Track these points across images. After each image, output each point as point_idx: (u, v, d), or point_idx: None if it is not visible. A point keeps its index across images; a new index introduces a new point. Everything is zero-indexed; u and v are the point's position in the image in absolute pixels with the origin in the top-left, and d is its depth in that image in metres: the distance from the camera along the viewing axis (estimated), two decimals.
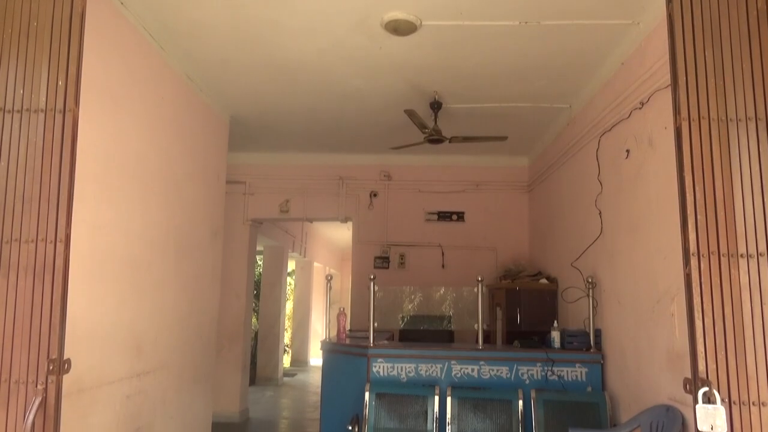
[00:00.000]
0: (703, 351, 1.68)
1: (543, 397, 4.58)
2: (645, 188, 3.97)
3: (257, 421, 7.58)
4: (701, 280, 1.71)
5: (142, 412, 4.18)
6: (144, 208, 4.21)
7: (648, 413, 3.70)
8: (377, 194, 7.68)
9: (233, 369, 7.41)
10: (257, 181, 7.73)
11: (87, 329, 3.44)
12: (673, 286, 3.50)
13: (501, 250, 7.50)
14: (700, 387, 1.65)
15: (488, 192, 7.66)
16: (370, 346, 4.93)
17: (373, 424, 4.60)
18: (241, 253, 7.64)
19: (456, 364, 4.80)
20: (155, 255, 4.39)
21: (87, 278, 3.44)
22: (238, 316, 7.53)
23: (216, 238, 5.73)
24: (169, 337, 4.62)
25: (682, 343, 3.37)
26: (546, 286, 6.14)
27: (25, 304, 1.76)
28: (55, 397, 1.71)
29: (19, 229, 1.80)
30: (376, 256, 7.60)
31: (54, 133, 1.81)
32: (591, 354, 4.71)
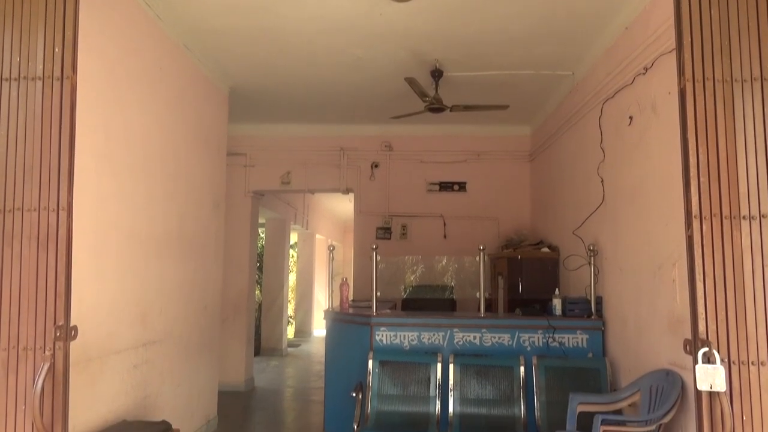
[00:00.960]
0: (703, 312, 1.69)
1: (544, 363, 4.64)
2: (647, 155, 3.95)
3: (262, 390, 7.70)
4: (703, 243, 1.71)
5: (149, 380, 4.25)
6: (146, 179, 4.20)
7: (648, 378, 3.74)
8: (378, 165, 7.66)
9: (238, 339, 7.50)
10: (258, 153, 7.70)
11: (93, 300, 3.47)
12: (674, 252, 3.51)
13: (503, 220, 7.50)
14: (700, 347, 1.66)
15: (490, 162, 7.63)
16: (373, 315, 4.97)
17: (377, 391, 4.67)
18: (243, 225, 7.66)
19: (458, 332, 4.85)
20: (158, 226, 4.40)
21: (91, 250, 3.46)
22: (242, 287, 7.59)
23: (218, 209, 5.74)
24: (173, 308, 4.67)
25: (683, 309, 3.40)
26: (548, 254, 6.16)
27: (30, 272, 1.77)
28: (63, 362, 1.73)
29: (21, 197, 1.80)
30: (378, 227, 7.61)
31: (52, 101, 1.80)
32: (592, 321, 4.75)
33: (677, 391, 3.31)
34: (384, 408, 4.61)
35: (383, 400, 4.65)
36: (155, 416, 4.17)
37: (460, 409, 4.56)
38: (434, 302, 6.28)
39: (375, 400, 4.64)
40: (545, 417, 4.46)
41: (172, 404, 4.60)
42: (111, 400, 3.70)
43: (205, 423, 5.43)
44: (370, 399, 4.63)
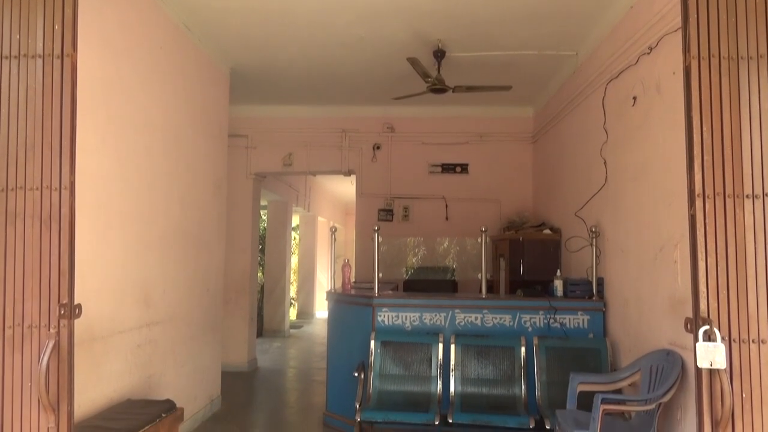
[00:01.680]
0: (705, 291, 1.70)
1: (545, 343, 4.67)
2: (651, 135, 3.93)
3: (265, 371, 7.77)
4: (705, 221, 1.71)
5: (153, 360, 4.29)
6: (147, 160, 4.20)
7: (648, 358, 3.77)
8: (380, 147, 7.63)
9: (241, 321, 7.55)
10: (259, 135, 7.68)
11: (96, 280, 3.49)
12: (676, 233, 3.51)
13: (505, 202, 7.50)
14: (701, 326, 1.67)
15: (492, 143, 7.60)
16: (375, 296, 5.00)
17: (379, 371, 4.71)
18: (245, 207, 7.67)
19: (460, 313, 4.88)
20: (160, 208, 4.41)
21: (93, 230, 3.47)
22: (244, 269, 7.61)
23: (219, 191, 5.74)
24: (176, 289, 4.69)
25: (684, 290, 3.41)
26: (549, 236, 6.17)
27: (33, 251, 1.77)
28: (67, 340, 1.75)
29: (23, 176, 1.80)
30: (379, 209, 7.61)
31: (53, 79, 1.79)
32: (593, 302, 4.77)
33: (677, 371, 3.33)
34: (386, 387, 4.66)
35: (385, 379, 4.69)
36: (159, 396, 4.22)
37: (461, 388, 4.61)
38: (436, 283, 6.30)
39: (377, 380, 4.68)
40: (546, 397, 4.50)
41: (176, 384, 4.65)
42: (115, 379, 3.73)
43: (209, 402, 5.49)
44: (372, 379, 4.67)
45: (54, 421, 1.72)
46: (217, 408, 5.69)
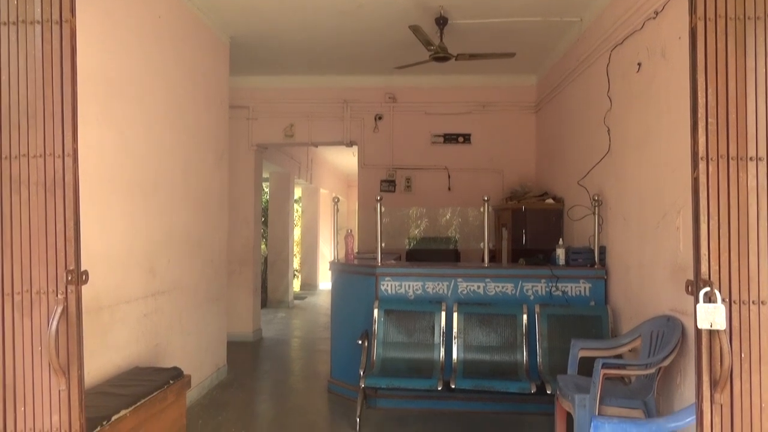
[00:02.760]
0: (706, 253, 1.71)
1: (547, 311, 4.71)
2: (655, 101, 3.89)
3: (270, 341, 7.88)
4: (708, 184, 1.71)
5: (160, 329, 4.35)
6: (148, 131, 4.19)
7: (649, 324, 3.80)
8: (382, 117, 7.59)
9: (245, 291, 7.62)
10: (261, 106, 7.63)
11: (101, 251, 3.52)
12: (679, 199, 3.51)
13: (507, 172, 7.48)
14: (702, 287, 1.68)
15: (495, 113, 7.54)
16: (378, 266, 5.03)
17: (382, 339, 4.77)
18: (248, 179, 7.67)
19: (462, 282, 4.91)
20: (162, 179, 4.41)
21: (96, 201, 3.48)
22: (247, 240, 7.65)
23: (221, 162, 5.73)
24: (180, 260, 4.73)
25: (686, 256, 3.42)
26: (552, 205, 6.17)
27: (39, 218, 1.79)
28: (75, 305, 1.77)
29: (26, 144, 1.80)
30: (382, 180, 7.60)
31: (52, 45, 1.77)
32: (595, 270, 4.80)
33: (677, 336, 3.37)
34: (389, 355, 4.72)
35: (388, 347, 4.75)
36: (166, 364, 4.28)
37: (463, 355, 4.67)
38: (438, 253, 6.34)
39: (380, 348, 4.74)
40: (547, 363, 4.57)
41: (183, 352, 4.72)
42: (123, 347, 3.80)
43: (215, 371, 5.58)
44: (375, 346, 4.73)
45: (65, 384, 1.76)
46: (223, 376, 5.78)
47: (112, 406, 2.94)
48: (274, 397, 5.44)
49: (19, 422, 1.78)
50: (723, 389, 1.69)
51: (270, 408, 5.13)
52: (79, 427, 1.77)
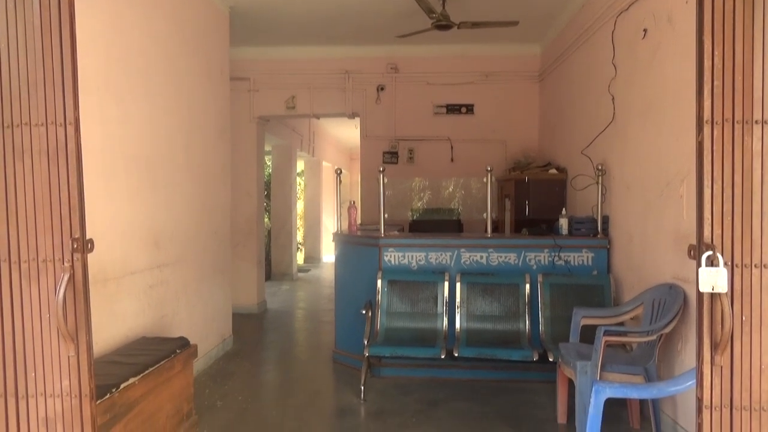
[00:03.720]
0: (709, 217, 1.70)
1: (549, 280, 4.74)
2: (661, 69, 3.85)
3: (275, 312, 7.96)
4: (713, 148, 1.70)
5: (165, 301, 4.39)
6: (149, 103, 4.16)
7: (651, 292, 3.82)
8: (384, 88, 7.52)
9: (249, 264, 7.67)
10: (262, 77, 7.56)
11: (105, 223, 3.54)
12: (683, 167, 3.49)
13: (511, 143, 7.44)
14: (704, 251, 1.69)
15: (498, 83, 7.47)
16: (381, 237, 5.05)
17: (386, 309, 4.81)
18: (250, 152, 7.65)
19: (465, 252, 4.93)
20: (164, 151, 4.41)
21: (99, 173, 3.49)
22: (251, 213, 7.67)
23: (223, 135, 5.71)
24: (184, 232, 4.75)
25: (689, 224, 3.42)
26: (555, 176, 6.15)
27: (43, 186, 1.79)
28: (82, 273, 1.79)
29: (27, 112, 1.80)
30: (384, 152, 7.57)
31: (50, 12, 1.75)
32: (598, 239, 4.81)
33: (679, 303, 3.39)
34: (393, 324, 4.77)
35: (392, 317, 4.80)
36: (173, 334, 4.34)
37: (466, 324, 4.72)
38: (441, 224, 6.35)
39: (384, 317, 4.79)
40: (549, 331, 4.61)
41: (189, 323, 4.77)
42: (130, 318, 3.84)
43: (221, 341, 5.66)
44: (379, 316, 4.78)
45: (74, 350, 1.79)
46: (229, 347, 5.86)
47: (121, 374, 2.99)
48: (279, 366, 5.52)
49: (31, 387, 1.82)
50: (723, 351, 1.71)
51: (276, 377, 5.21)
52: (89, 391, 1.81)
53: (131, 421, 3.01)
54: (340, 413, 4.19)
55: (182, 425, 3.61)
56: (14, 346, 1.82)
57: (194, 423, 3.78)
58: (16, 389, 1.83)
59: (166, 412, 3.41)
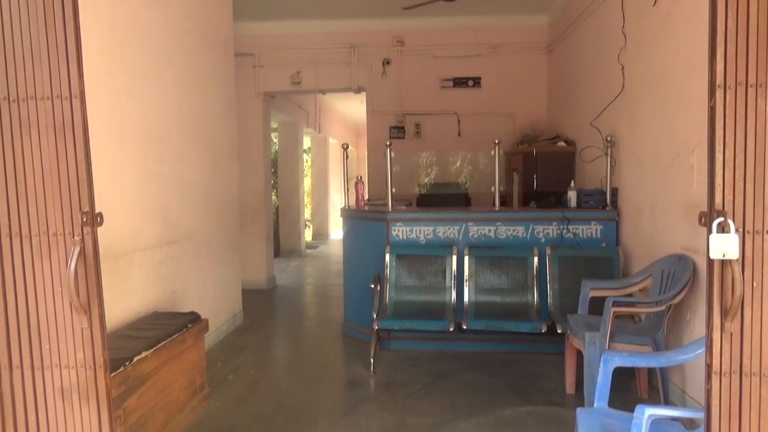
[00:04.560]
0: (721, 183, 1.68)
1: (558, 253, 4.73)
2: (672, 37, 3.78)
3: (284, 288, 8.02)
4: (725, 113, 1.66)
5: (176, 276, 4.43)
6: (154, 77, 4.14)
7: (660, 263, 3.81)
8: (390, 62, 7.44)
9: (257, 241, 7.71)
10: (267, 53, 7.50)
11: (114, 199, 3.55)
12: (694, 137, 3.45)
13: (518, 116, 7.37)
14: (716, 218, 1.67)
15: (506, 55, 7.37)
16: (389, 211, 5.04)
17: (395, 283, 4.83)
18: (256, 128, 7.63)
19: (473, 226, 4.93)
20: (171, 127, 4.40)
21: (107, 149, 3.49)
22: (258, 190, 7.68)
23: (229, 110, 5.69)
24: (193, 209, 4.77)
25: (700, 194, 3.40)
26: (564, 149, 6.10)
27: (51, 160, 1.80)
28: (92, 246, 1.80)
29: (33, 86, 1.79)
30: (391, 127, 7.53)
31: None
32: (607, 211, 4.78)
33: (689, 274, 3.39)
34: (402, 298, 4.80)
35: (401, 290, 4.83)
36: (184, 309, 4.38)
37: (475, 297, 4.74)
38: (449, 198, 6.34)
39: (393, 291, 4.82)
40: (558, 304, 4.62)
41: (199, 299, 4.82)
42: (141, 293, 3.88)
43: (232, 317, 5.72)
44: (388, 290, 4.81)
45: (87, 322, 1.81)
46: (239, 322, 5.92)
47: (134, 348, 3.03)
48: (289, 340, 5.58)
49: (46, 359, 1.85)
50: (734, 318, 1.70)
51: (286, 351, 5.27)
52: (102, 362, 1.83)
53: (145, 393, 3.06)
54: (351, 385, 4.24)
55: (195, 397, 3.67)
56: (28, 319, 1.84)
57: (207, 395, 3.84)
58: (32, 361, 1.86)
59: (179, 384, 3.46)
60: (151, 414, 3.12)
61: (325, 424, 3.51)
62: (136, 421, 2.97)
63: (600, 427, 2.29)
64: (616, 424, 2.32)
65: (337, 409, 3.78)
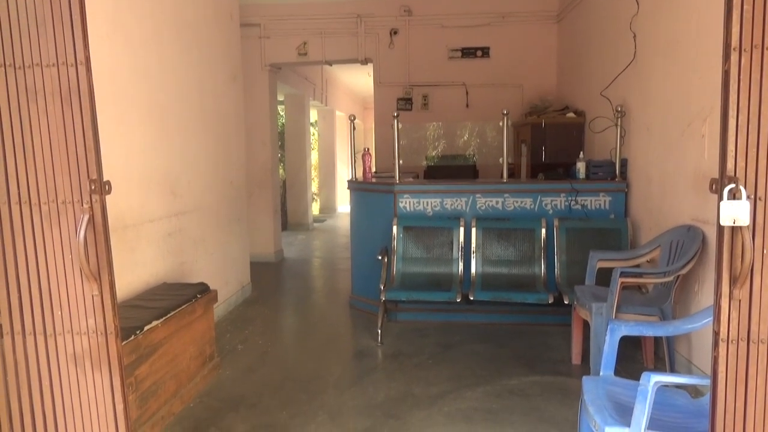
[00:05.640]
0: (733, 149, 1.66)
1: (566, 225, 4.72)
2: (686, 2, 3.69)
3: (292, 261, 8.07)
4: (740, 76, 1.63)
5: (184, 248, 4.46)
6: (159, 48, 4.11)
7: (669, 234, 3.79)
8: (397, 32, 7.33)
9: (265, 214, 7.73)
10: (272, 23, 7.41)
11: (121, 171, 3.56)
12: (706, 106, 3.40)
13: (527, 87, 7.27)
14: (727, 184, 1.65)
15: (515, 24, 7.24)
16: (396, 183, 5.03)
17: (402, 254, 4.85)
18: (263, 100, 7.59)
19: (480, 198, 4.91)
20: (177, 98, 4.38)
21: (114, 121, 3.48)
22: (265, 163, 7.67)
23: (235, 82, 5.65)
24: (200, 181, 4.77)
25: (711, 164, 3.36)
26: (573, 119, 6.03)
27: (58, 128, 1.79)
28: (101, 214, 1.81)
29: (38, 53, 1.78)
30: (398, 98, 7.46)
31: None
32: (615, 183, 4.75)
33: (698, 244, 3.37)
34: (409, 270, 4.81)
35: (408, 262, 4.84)
36: (193, 281, 4.42)
37: (482, 269, 4.75)
38: (456, 170, 6.31)
39: (400, 263, 4.83)
40: (565, 275, 4.62)
41: (208, 270, 4.86)
42: (150, 264, 3.91)
43: (240, 289, 5.76)
44: (395, 262, 4.82)
45: (97, 289, 1.83)
46: (248, 294, 5.98)
47: (144, 317, 3.07)
48: (298, 312, 5.63)
49: (58, 325, 1.87)
50: (743, 285, 1.69)
51: (294, 322, 5.32)
52: (114, 329, 1.86)
53: (156, 361, 3.11)
54: (358, 355, 4.29)
55: (205, 366, 3.73)
56: (40, 286, 1.86)
57: (217, 365, 3.90)
58: (44, 327, 1.89)
59: (189, 353, 3.51)
60: (162, 382, 3.17)
61: (333, 393, 3.56)
62: (148, 388, 3.02)
63: (606, 394, 2.31)
64: (622, 392, 2.34)
65: (345, 379, 3.83)
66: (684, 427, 2.11)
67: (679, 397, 2.32)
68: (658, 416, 2.13)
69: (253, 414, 3.28)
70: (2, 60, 1.78)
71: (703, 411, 2.15)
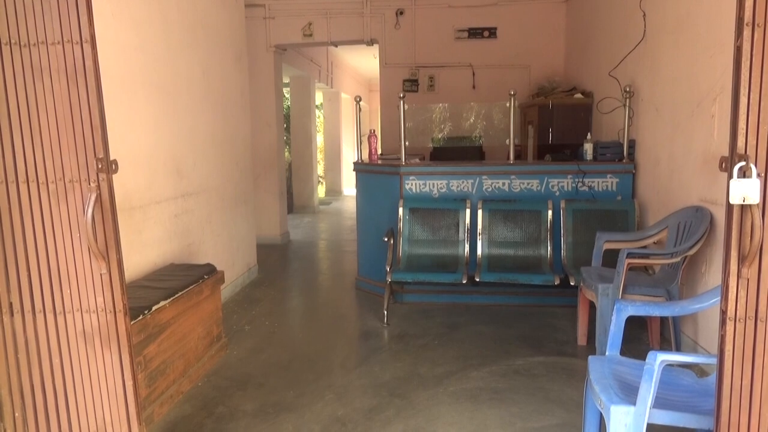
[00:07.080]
0: (744, 127, 1.64)
1: (572, 206, 4.70)
2: None
3: (298, 243, 8.09)
4: (752, 52, 1.60)
5: (191, 229, 4.47)
6: (164, 28, 4.09)
7: (676, 215, 3.77)
8: (404, 12, 7.26)
9: (271, 195, 7.74)
10: (277, 4, 7.35)
11: (127, 152, 3.56)
12: (716, 85, 3.35)
13: (535, 68, 7.20)
14: (737, 162, 1.63)
15: (522, 4, 7.15)
16: (402, 165, 5.01)
17: (408, 236, 4.85)
18: (268, 81, 7.55)
19: (487, 179, 4.89)
20: (182, 79, 4.36)
21: (119, 101, 3.48)
22: (271, 144, 7.66)
23: (240, 63, 5.62)
24: (206, 162, 4.77)
25: (720, 145, 3.33)
26: (580, 100, 5.98)
27: (64, 106, 1.79)
28: (108, 192, 1.81)
29: (44, 31, 1.77)
30: (404, 80, 7.41)
31: None
32: (623, 164, 4.71)
33: (705, 225, 3.35)
34: (415, 251, 4.82)
35: (414, 244, 4.84)
36: (200, 262, 4.44)
37: (488, 251, 4.74)
38: (462, 151, 6.27)
39: (406, 245, 4.83)
40: (571, 257, 4.62)
41: (215, 252, 4.88)
42: (157, 245, 3.93)
43: (247, 270, 5.79)
44: (401, 244, 4.82)
45: (105, 268, 1.84)
46: (254, 275, 6.01)
47: (152, 297, 3.09)
48: (304, 293, 5.66)
49: (67, 303, 1.89)
50: (751, 264, 1.69)
51: (301, 303, 5.35)
52: (122, 307, 1.87)
53: (164, 341, 3.14)
54: (364, 336, 4.32)
55: (213, 346, 3.76)
56: (48, 265, 1.88)
57: (224, 345, 3.93)
58: (54, 305, 1.90)
59: (197, 333, 3.54)
60: (171, 361, 3.21)
61: (340, 372, 3.59)
62: (156, 367, 3.06)
63: (611, 374, 2.31)
64: (628, 372, 2.34)
65: (352, 359, 3.86)
66: (689, 405, 2.12)
67: (684, 377, 2.32)
68: (664, 395, 2.14)
69: (260, 393, 3.31)
70: (8, 38, 1.78)
71: (709, 390, 2.16)
